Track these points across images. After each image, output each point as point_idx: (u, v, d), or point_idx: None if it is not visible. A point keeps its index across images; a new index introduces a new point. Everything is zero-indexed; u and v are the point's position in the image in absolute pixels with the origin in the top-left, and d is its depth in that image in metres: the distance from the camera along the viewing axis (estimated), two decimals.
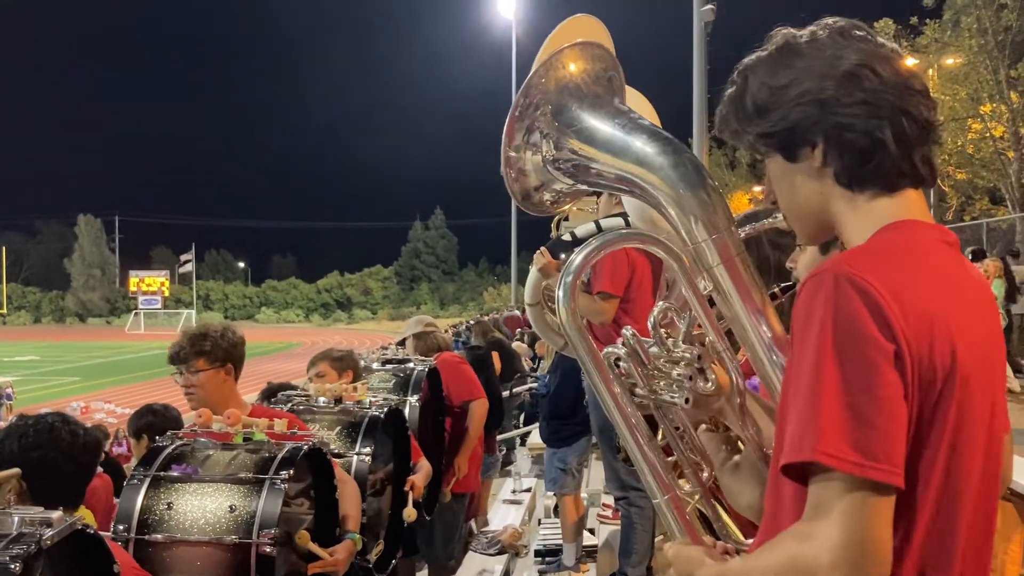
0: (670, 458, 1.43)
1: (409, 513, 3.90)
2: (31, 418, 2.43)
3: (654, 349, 1.41)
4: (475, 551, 5.74)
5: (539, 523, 6.64)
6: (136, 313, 74.33)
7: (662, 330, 1.40)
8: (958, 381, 1.12)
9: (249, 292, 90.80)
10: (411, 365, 4.58)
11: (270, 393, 4.32)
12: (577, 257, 1.38)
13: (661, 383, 1.40)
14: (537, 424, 7.51)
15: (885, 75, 1.20)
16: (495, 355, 8.12)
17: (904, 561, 1.11)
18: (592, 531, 5.97)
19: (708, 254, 1.37)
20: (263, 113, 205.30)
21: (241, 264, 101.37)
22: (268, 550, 2.47)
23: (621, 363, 1.41)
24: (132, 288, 76.55)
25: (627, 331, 1.40)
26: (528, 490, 7.33)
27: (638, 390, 1.40)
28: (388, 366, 4.57)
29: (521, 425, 10.64)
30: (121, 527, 2.49)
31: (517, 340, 13.28)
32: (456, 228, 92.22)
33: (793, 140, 1.24)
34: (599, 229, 2.86)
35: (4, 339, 62.30)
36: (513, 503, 7.07)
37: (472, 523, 6.64)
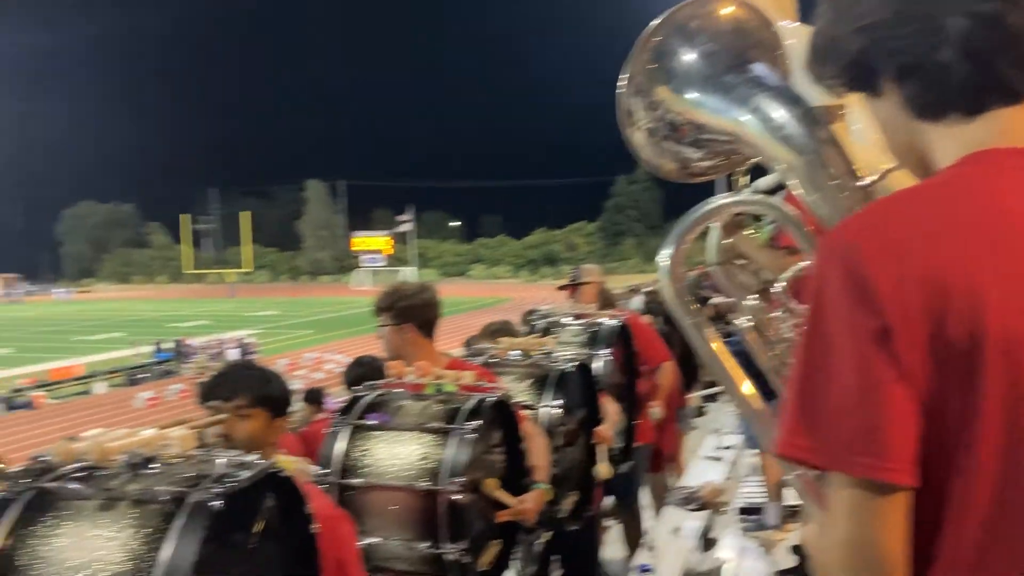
0: None
1: (603, 471, 3.94)
2: (231, 365, 2.65)
3: (781, 314, 1.32)
4: (673, 506, 5.70)
5: (742, 481, 6.48)
6: (361, 271, 79.31)
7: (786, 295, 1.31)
8: (989, 351, 0.91)
9: (462, 250, 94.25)
10: (602, 320, 4.58)
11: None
12: (677, 230, 1.31)
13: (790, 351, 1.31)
14: None
15: None
16: None
17: (947, 568, 0.97)
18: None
19: (825, 208, 1.25)
20: (469, 80, 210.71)
21: (455, 223, 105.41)
22: (456, 497, 2.58)
23: (746, 332, 1.33)
24: (356, 247, 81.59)
25: (748, 301, 1.33)
26: (729, 447, 7.17)
27: (763, 360, 1.32)
28: (579, 320, 4.60)
29: None
30: (325, 471, 2.69)
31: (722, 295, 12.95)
32: (661, 181, 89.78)
33: (859, 75, 1.08)
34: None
35: (250, 295, 68.97)
36: (715, 460, 6.94)
37: (670, 478, 6.61)
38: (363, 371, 4.36)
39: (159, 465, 1.70)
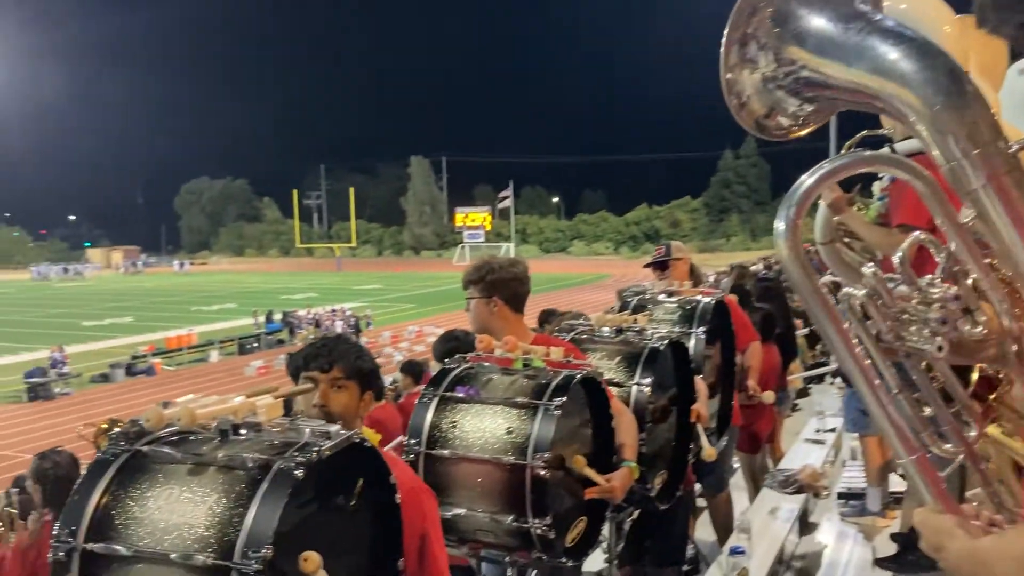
0: (927, 412, 1.25)
1: (709, 454, 3.87)
2: (326, 337, 2.69)
3: (903, 288, 1.21)
4: (770, 488, 5.58)
5: (843, 465, 6.28)
6: (462, 246, 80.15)
7: (912, 269, 1.21)
8: None
9: (562, 226, 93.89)
10: (697, 298, 4.48)
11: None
12: (802, 185, 1.21)
13: (912, 328, 1.20)
14: None
15: None
16: None
17: None
18: (903, 476, 5.53)
19: (967, 174, 1.11)
20: (572, 54, 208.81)
21: (555, 199, 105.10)
22: (542, 472, 2.58)
23: (863, 306, 1.23)
24: (458, 223, 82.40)
25: (867, 269, 1.22)
26: (832, 430, 6.95)
27: (884, 336, 1.22)
28: (674, 298, 4.50)
29: (831, 362, 10.06)
30: (413, 441, 2.72)
31: (830, 274, 12.49)
32: (769, 155, 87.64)
33: None
34: None
35: (355, 270, 70.82)
36: (816, 443, 6.74)
37: (768, 460, 6.47)
38: (453, 345, 4.40)
39: (247, 432, 1.75)
